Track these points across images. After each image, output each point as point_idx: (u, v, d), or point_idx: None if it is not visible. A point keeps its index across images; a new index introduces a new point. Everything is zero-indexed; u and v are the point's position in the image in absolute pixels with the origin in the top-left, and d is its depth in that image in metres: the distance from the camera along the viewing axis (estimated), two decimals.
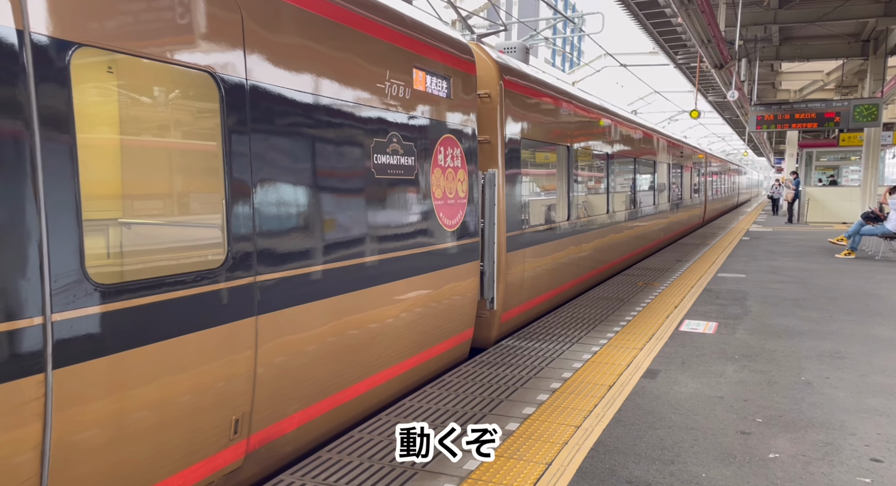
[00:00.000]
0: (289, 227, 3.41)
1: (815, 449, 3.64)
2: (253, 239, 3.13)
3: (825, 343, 5.95)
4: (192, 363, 2.87)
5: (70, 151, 2.35)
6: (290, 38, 3.42)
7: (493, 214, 5.74)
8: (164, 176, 3.10)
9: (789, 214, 22.75)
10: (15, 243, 2.18)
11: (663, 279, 9.67)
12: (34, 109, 2.23)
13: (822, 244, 14.69)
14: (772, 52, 17.52)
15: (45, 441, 2.29)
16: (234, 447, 3.18)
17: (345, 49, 3.86)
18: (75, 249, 2.36)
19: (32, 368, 2.23)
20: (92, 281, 2.42)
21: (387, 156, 4.25)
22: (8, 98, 2.16)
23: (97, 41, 2.45)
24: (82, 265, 2.39)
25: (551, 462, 3.45)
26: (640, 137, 11.87)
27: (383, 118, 4.22)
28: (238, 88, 3.06)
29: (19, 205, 2.19)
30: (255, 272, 3.16)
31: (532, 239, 6.73)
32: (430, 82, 4.79)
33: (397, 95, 4.37)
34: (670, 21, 15.73)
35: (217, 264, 2.99)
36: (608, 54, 20.89)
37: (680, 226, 16.59)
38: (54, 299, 2.28)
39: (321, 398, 3.78)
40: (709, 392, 4.58)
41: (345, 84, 3.85)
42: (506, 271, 6.06)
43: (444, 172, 4.99)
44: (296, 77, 3.44)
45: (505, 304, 6.15)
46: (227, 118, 3.00)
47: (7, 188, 2.16)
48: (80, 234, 2.37)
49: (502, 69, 6.07)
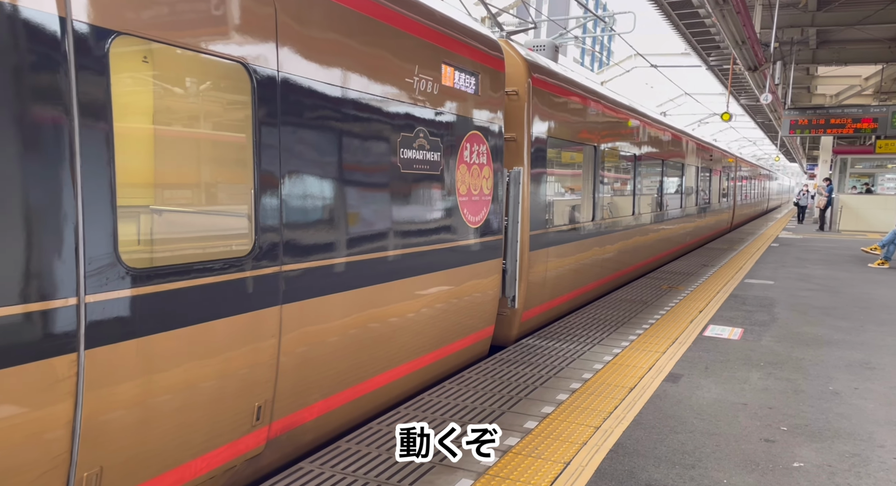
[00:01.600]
0: (314, 219, 3.43)
1: (842, 460, 3.55)
2: (279, 230, 3.17)
3: (855, 353, 5.81)
4: (218, 349, 2.92)
5: (107, 139, 2.39)
6: (321, 32, 3.44)
7: (517, 212, 5.74)
8: (196, 165, 3.13)
9: (821, 221, 22.24)
10: (53, 226, 2.23)
11: (688, 283, 9.53)
12: (74, 96, 2.27)
13: (854, 253, 14.34)
14: (808, 56, 17.11)
15: (76, 419, 2.35)
16: (256, 434, 3.22)
17: (375, 43, 3.88)
18: (109, 233, 2.41)
19: (66, 347, 2.28)
20: (124, 265, 2.47)
21: (413, 151, 4.27)
22: (50, 84, 2.20)
23: (135, 30, 2.48)
24: (115, 249, 2.44)
25: (569, 462, 3.43)
26: (668, 139, 11.77)
27: (411, 113, 4.23)
28: (270, 80, 3.09)
29: (57, 189, 2.25)
30: (281, 262, 3.20)
31: (555, 239, 6.72)
32: (459, 78, 4.78)
33: (425, 91, 4.37)
34: (704, 22, 15.46)
35: (244, 252, 3.04)
36: (639, 54, 20.64)
37: (707, 230, 16.45)
38: (88, 281, 2.33)
39: (342, 389, 3.81)
40: (732, 398, 4.50)
41: (374, 78, 3.86)
42: (528, 269, 6.04)
43: (470, 168, 4.98)
44: (326, 70, 3.47)
45: (526, 303, 6.14)
46: (257, 110, 3.03)
47: (46, 173, 2.21)
48: (115, 219, 2.43)
49: (531, 67, 6.04)
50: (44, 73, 2.19)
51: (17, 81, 2.14)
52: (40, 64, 2.19)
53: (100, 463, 2.47)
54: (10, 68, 2.11)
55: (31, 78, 2.17)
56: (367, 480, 3.17)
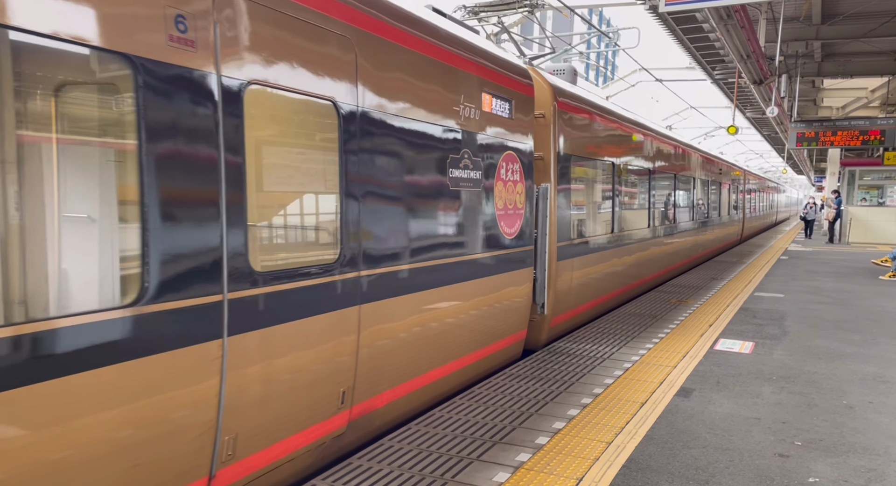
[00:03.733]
0: (386, 232, 3.97)
1: (858, 475, 3.52)
2: (359, 241, 3.73)
3: (868, 367, 5.76)
4: (315, 341, 3.44)
5: (241, 168, 2.94)
6: (389, 72, 4.00)
7: (546, 225, 6.21)
8: (299, 188, 3.59)
9: (830, 233, 22.12)
10: (207, 238, 2.78)
11: (698, 297, 9.49)
12: (221, 134, 2.83)
13: (864, 266, 14.25)
14: (813, 69, 17.14)
15: (221, 393, 2.89)
16: (341, 415, 3.73)
17: (429, 78, 4.43)
18: (242, 244, 2.96)
19: (216, 334, 2.83)
20: (252, 269, 3.02)
21: (460, 170, 4.80)
22: (202, 123, 2.75)
23: (260, 80, 3.07)
24: (247, 257, 2.98)
25: (582, 478, 3.41)
26: (681, 154, 12.26)
27: (458, 137, 4.77)
28: (352, 114, 3.68)
29: (212, 212, 2.81)
30: (360, 268, 3.75)
31: (579, 250, 7.18)
32: (496, 104, 5.33)
33: (469, 117, 4.92)
34: (708, 37, 15.55)
35: (333, 260, 3.58)
36: (643, 69, 20.75)
37: (718, 242, 16.87)
38: (229, 282, 2.88)
39: (404, 381, 4.29)
40: (745, 413, 4.47)
41: (429, 108, 4.42)
42: (556, 278, 6.52)
43: (506, 185, 5.50)
44: (393, 104, 4.03)
45: (554, 309, 6.61)
46: (343, 140, 3.62)
47: (204, 200, 2.76)
48: (246, 233, 2.98)
49: (556, 91, 6.57)
50: (200, 116, 2.73)
51: (187, 121, 2.69)
52: (199, 107, 2.74)
53: (235, 430, 2.99)
54: (184, 112, 2.67)
55: (192, 119, 2.71)
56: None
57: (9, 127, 2.22)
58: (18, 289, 2.30)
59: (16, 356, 2.15)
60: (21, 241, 2.29)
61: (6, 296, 2.24)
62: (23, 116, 2.33)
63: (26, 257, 2.32)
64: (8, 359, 2.13)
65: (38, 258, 2.37)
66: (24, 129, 2.33)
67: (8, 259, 2.25)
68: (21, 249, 2.30)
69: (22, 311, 2.30)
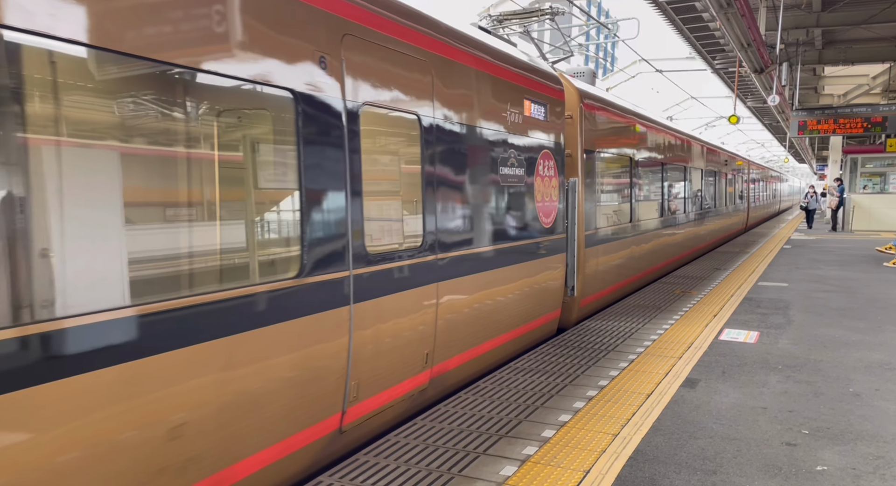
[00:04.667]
0: (454, 222, 4.71)
1: (866, 462, 3.51)
2: (434, 230, 4.46)
3: (874, 354, 5.74)
4: (408, 310, 4.17)
5: (359, 172, 3.67)
6: (454, 88, 4.71)
7: (574, 215, 6.89)
8: (397, 188, 4.36)
9: (833, 222, 22.05)
10: (340, 227, 3.55)
11: (701, 287, 9.48)
12: (346, 146, 3.58)
13: (868, 253, 14.21)
14: (814, 56, 17.05)
15: (349, 348, 3.64)
16: (425, 373, 4.46)
17: (485, 91, 5.14)
18: (360, 231, 3.70)
19: (346, 301, 3.60)
20: (367, 252, 3.75)
21: (507, 168, 5.49)
22: (336, 139, 3.51)
23: (371, 101, 3.80)
24: (363, 241, 3.71)
25: (589, 470, 3.41)
26: (691, 147, 13.04)
27: (506, 140, 5.47)
28: (430, 125, 4.40)
29: (342, 206, 3.56)
30: (436, 252, 4.48)
31: (602, 238, 7.87)
32: (534, 109, 6.00)
33: (514, 122, 5.61)
34: (708, 26, 15.47)
35: (418, 245, 4.31)
36: (643, 60, 20.65)
37: (726, 230, 17.76)
38: (353, 262, 3.64)
39: (466, 349, 5.00)
40: (751, 403, 4.46)
41: (485, 117, 5.12)
42: (584, 264, 7.23)
43: (543, 180, 6.18)
44: (458, 115, 4.74)
45: (582, 292, 7.28)
46: (423, 147, 4.34)
47: (337, 197, 3.52)
48: (362, 223, 3.71)
49: (582, 94, 7.26)
50: (332, 132, 3.48)
51: (326, 135, 3.44)
52: (334, 124, 3.51)
53: (358, 378, 3.74)
54: (324, 128, 3.43)
55: (329, 133, 3.47)
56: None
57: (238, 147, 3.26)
58: (256, 262, 3.29)
59: (234, 312, 2.92)
60: (255, 229, 3.33)
61: (252, 263, 3.22)
62: (230, 139, 3.24)
63: (256, 235, 3.35)
64: (223, 313, 2.87)
65: (258, 240, 3.38)
66: (234, 150, 3.30)
67: (251, 235, 3.29)
68: (253, 233, 3.33)
69: (245, 275, 3.25)
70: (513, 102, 5.55)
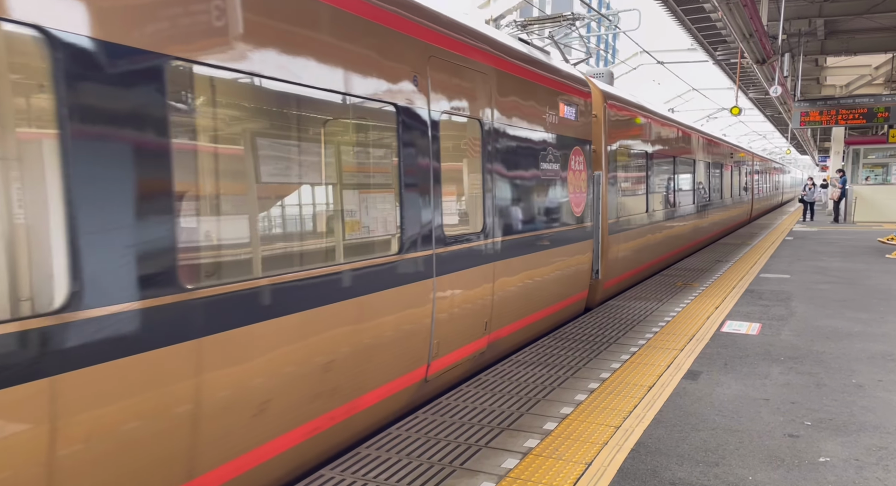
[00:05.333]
0: (506, 211, 5.43)
1: (869, 454, 3.50)
2: (492, 217, 5.20)
3: (877, 345, 5.72)
4: (473, 284, 4.92)
5: (439, 170, 4.45)
6: (508, 95, 5.46)
7: (599, 205, 7.68)
8: (465, 182, 5.21)
9: (835, 213, 21.98)
10: (428, 217, 4.31)
11: (703, 280, 9.46)
12: (431, 148, 4.34)
13: (871, 244, 14.17)
14: (816, 47, 16.95)
15: (433, 312, 4.42)
16: (484, 338, 5.21)
17: (529, 96, 5.87)
18: (440, 218, 4.46)
19: (430, 274, 4.36)
20: (445, 235, 4.52)
21: (546, 163, 6.21)
22: (425, 143, 4.27)
23: (449, 111, 4.59)
24: (442, 228, 4.49)
25: (591, 462, 3.40)
26: (702, 143, 14.03)
27: (545, 138, 6.18)
28: (489, 129, 5.17)
29: (430, 200, 4.31)
30: (493, 236, 5.22)
31: (623, 226, 8.61)
32: (567, 110, 6.69)
33: (552, 122, 6.32)
34: (710, 16, 15.36)
35: (479, 230, 5.07)
36: (645, 51, 20.54)
37: (733, 220, 18.88)
38: (436, 243, 4.42)
39: (513, 321, 5.69)
40: (753, 394, 4.45)
41: (529, 119, 5.84)
42: (607, 249, 7.93)
43: (574, 173, 6.89)
44: (509, 118, 5.46)
45: (606, 275, 7.99)
46: (484, 147, 5.10)
47: (426, 192, 4.27)
48: (441, 213, 4.47)
49: (605, 95, 7.97)
50: (423, 139, 4.25)
51: (420, 141, 4.22)
52: (424, 131, 4.26)
53: (438, 338, 4.51)
54: (418, 135, 4.20)
55: (422, 140, 4.24)
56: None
57: (342, 155, 4.07)
58: (374, 242, 4.13)
59: (364, 279, 3.72)
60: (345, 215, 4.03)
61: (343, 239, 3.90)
62: (336, 147, 4.02)
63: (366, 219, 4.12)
64: (358, 279, 3.68)
65: (377, 225, 4.16)
66: (342, 156, 4.08)
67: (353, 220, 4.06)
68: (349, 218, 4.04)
69: (369, 250, 4.05)
70: (551, 105, 6.33)
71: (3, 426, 2.08)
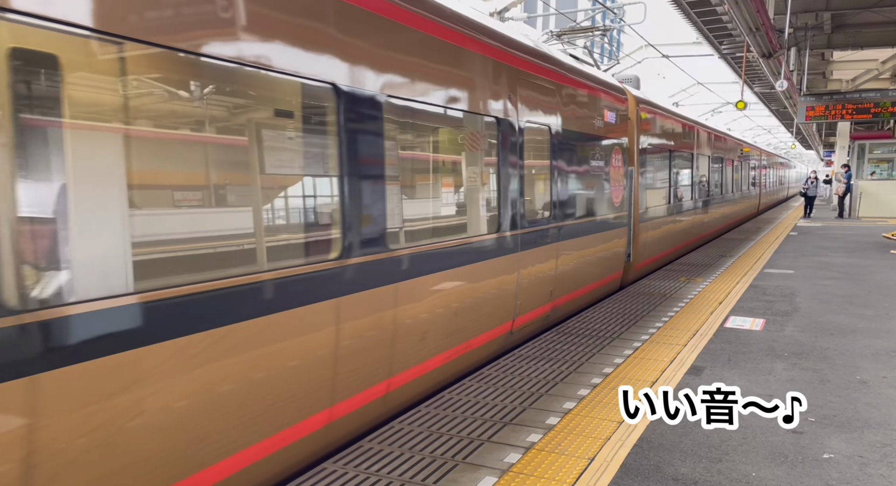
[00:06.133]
0: (567, 200, 6.58)
1: (873, 450, 3.48)
2: (557, 205, 6.35)
3: (881, 341, 5.70)
4: (543, 260, 6.02)
5: (524, 168, 5.57)
6: (569, 105, 6.60)
7: (631, 197, 8.77)
8: (538, 177, 6.15)
9: (840, 208, 21.88)
10: (517, 205, 5.49)
11: (706, 275, 9.43)
12: (519, 151, 5.48)
13: (876, 240, 14.10)
14: (823, 41, 16.79)
15: (518, 279, 5.53)
16: (549, 304, 6.33)
17: (585, 105, 7.10)
18: (523, 208, 5.60)
19: (518, 249, 5.49)
20: (526, 220, 5.65)
21: (596, 161, 7.44)
22: (516, 147, 5.43)
23: (528, 119, 5.66)
24: (524, 213, 5.62)
25: (594, 457, 3.39)
26: (718, 141, 15.37)
27: (595, 140, 7.41)
28: (555, 133, 6.23)
29: (518, 191, 5.55)
30: (557, 221, 6.36)
31: (650, 216, 9.74)
32: (609, 115, 7.84)
33: (598, 126, 7.50)
34: (715, 10, 15.24)
35: (547, 216, 6.22)
36: (649, 45, 20.42)
37: (745, 212, 20.52)
38: (521, 225, 5.54)
39: (567, 293, 6.73)
40: (757, 390, 4.43)
41: (584, 123, 7.09)
42: (637, 236, 9.03)
43: (615, 169, 8.04)
44: (569, 124, 6.56)
45: (636, 258, 9.08)
46: (552, 149, 6.19)
47: (516, 186, 5.43)
48: (524, 202, 5.61)
49: (638, 100, 9.11)
50: (516, 142, 5.44)
51: (513, 145, 5.41)
52: (515, 137, 5.41)
53: (521, 299, 5.64)
54: (512, 141, 5.37)
55: (515, 144, 5.41)
56: (390, 479, 3.17)
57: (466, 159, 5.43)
58: (485, 221, 5.33)
59: (472, 251, 4.87)
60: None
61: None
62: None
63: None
64: (465, 252, 4.79)
65: (485, 211, 5.31)
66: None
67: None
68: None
69: (478, 229, 5.27)
70: (599, 112, 7.51)
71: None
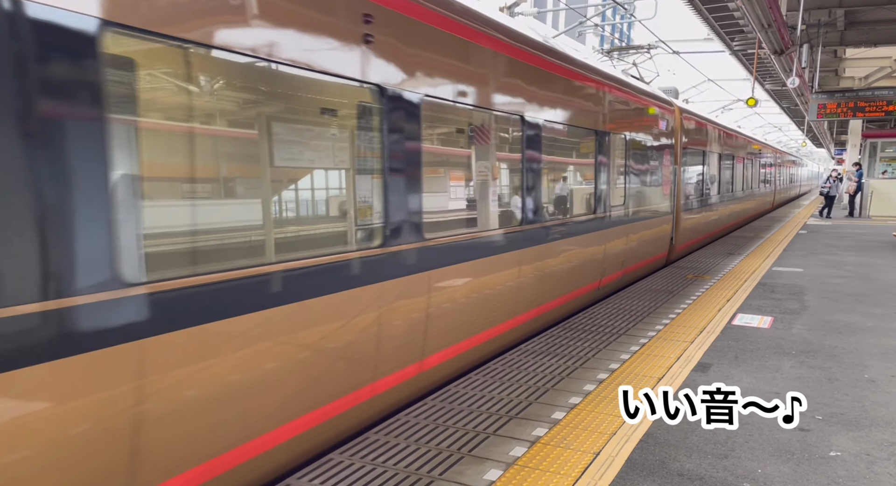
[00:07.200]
0: (636, 192, 8.36)
1: (881, 449, 3.47)
2: (628, 196, 8.08)
3: (890, 340, 5.66)
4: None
5: (610, 169, 7.44)
6: (641, 117, 8.40)
7: (674, 190, 10.64)
8: (616, 175, 7.80)
9: (850, 207, 21.69)
10: (606, 197, 7.45)
11: (714, 272, 9.39)
12: (609, 157, 7.36)
13: (886, 239, 13.99)
14: (836, 38, 16.61)
15: (604, 251, 7.31)
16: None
17: (648, 117, 8.83)
18: (610, 201, 7.54)
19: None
20: (610, 204, 7.53)
21: (654, 161, 9.29)
22: (607, 155, 7.30)
23: (614, 131, 7.38)
24: (610, 200, 7.49)
25: (599, 452, 3.40)
26: (742, 142, 17.54)
27: (653, 144, 9.27)
28: (629, 141, 8.07)
29: (607, 186, 7.34)
30: (628, 209, 8.07)
31: (688, 206, 11.61)
32: (662, 124, 9.65)
33: (654, 132, 9.25)
34: (727, 6, 15.12)
35: (622, 203, 7.89)
36: (660, 41, 20.26)
37: (761, 207, 22.69)
38: (605, 209, 7.41)
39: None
40: (764, 388, 4.42)
41: (647, 132, 8.91)
42: (679, 223, 10.91)
43: (665, 168, 9.87)
44: (637, 133, 8.30)
45: (677, 241, 10.92)
46: (626, 152, 7.88)
47: (608, 181, 7.35)
48: (610, 193, 7.51)
49: (680, 110, 10.92)
50: (606, 150, 7.28)
51: (606, 153, 7.31)
52: (607, 148, 7.36)
53: (605, 265, 7.33)
54: (605, 151, 7.30)
55: (605, 152, 7.30)
56: (396, 471, 3.19)
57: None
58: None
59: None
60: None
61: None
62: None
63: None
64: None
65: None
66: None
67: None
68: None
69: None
70: (654, 122, 9.23)
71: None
